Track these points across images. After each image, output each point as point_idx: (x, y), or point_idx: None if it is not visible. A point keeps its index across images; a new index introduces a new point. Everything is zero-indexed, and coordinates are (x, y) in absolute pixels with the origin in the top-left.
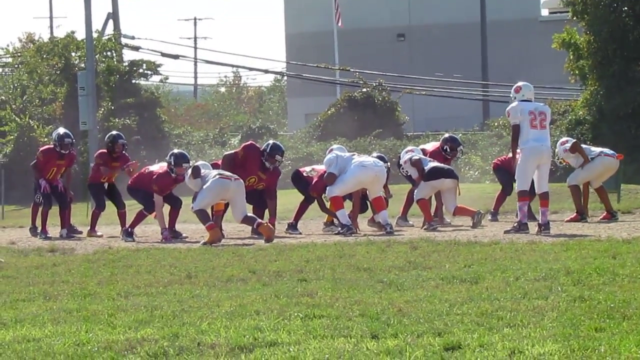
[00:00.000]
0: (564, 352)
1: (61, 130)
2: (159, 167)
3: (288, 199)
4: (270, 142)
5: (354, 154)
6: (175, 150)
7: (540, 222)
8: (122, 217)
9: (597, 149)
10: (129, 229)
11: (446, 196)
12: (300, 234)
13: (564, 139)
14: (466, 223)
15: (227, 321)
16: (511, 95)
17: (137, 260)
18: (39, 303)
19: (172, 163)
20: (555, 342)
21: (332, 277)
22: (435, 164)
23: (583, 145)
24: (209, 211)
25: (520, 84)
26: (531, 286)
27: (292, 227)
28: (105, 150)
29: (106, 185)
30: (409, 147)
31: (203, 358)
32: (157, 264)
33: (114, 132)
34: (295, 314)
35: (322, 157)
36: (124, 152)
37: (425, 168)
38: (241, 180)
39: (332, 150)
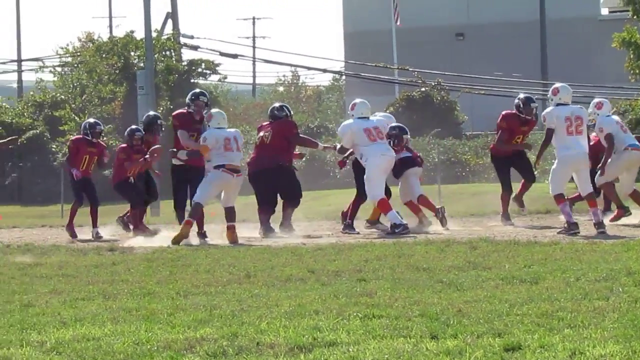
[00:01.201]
0: (626, 354)
1: (91, 119)
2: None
3: (343, 198)
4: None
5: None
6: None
7: (594, 222)
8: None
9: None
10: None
11: (411, 184)
12: (358, 233)
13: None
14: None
15: (286, 321)
16: (548, 97)
17: (196, 259)
18: (98, 302)
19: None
20: (616, 343)
21: (391, 277)
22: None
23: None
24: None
25: (557, 85)
26: (592, 287)
27: (349, 226)
28: (125, 145)
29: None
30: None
31: (262, 358)
32: (216, 263)
33: (133, 126)
34: (354, 314)
35: None
36: (142, 144)
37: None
38: (242, 177)
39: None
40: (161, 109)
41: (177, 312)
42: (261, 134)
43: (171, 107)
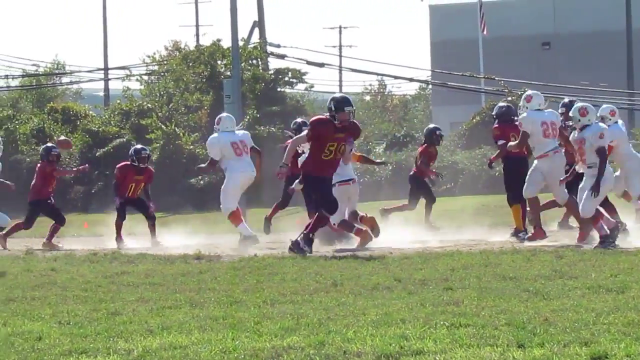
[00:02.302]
0: None
1: (137, 145)
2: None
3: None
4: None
5: None
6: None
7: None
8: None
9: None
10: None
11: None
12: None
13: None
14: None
15: (373, 329)
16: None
17: (283, 268)
18: (185, 310)
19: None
20: None
21: (477, 286)
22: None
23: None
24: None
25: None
26: None
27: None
28: (128, 163)
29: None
30: None
31: None
32: (302, 272)
33: (137, 146)
34: (441, 323)
35: (467, 166)
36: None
37: None
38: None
39: None
40: (247, 117)
41: (264, 321)
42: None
43: (258, 115)
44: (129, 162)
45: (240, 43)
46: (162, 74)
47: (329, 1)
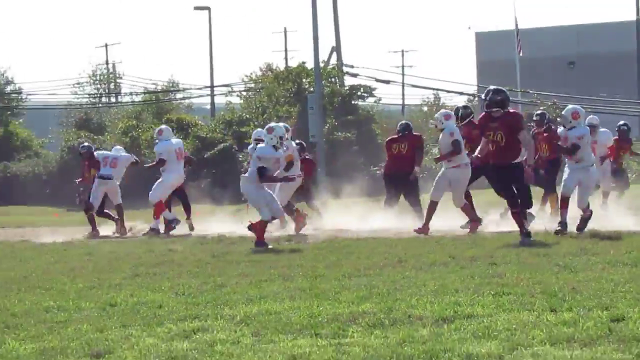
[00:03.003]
0: None
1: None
2: None
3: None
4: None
5: None
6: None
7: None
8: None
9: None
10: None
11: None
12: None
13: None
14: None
15: (432, 297)
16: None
17: (357, 247)
18: (278, 283)
19: None
20: None
21: (517, 261)
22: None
23: None
24: None
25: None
26: None
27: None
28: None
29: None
30: None
31: (412, 328)
32: (373, 251)
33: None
34: (488, 292)
35: None
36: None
37: None
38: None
39: None
40: (327, 125)
41: (343, 291)
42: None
43: (336, 123)
44: None
45: (321, 65)
46: (258, 90)
47: (393, 29)
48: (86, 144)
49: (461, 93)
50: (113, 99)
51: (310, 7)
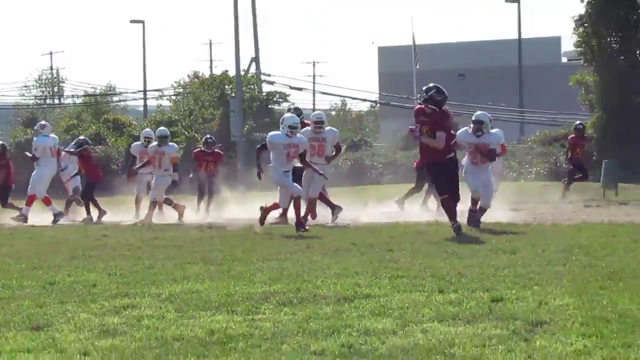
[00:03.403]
0: (577, 304)
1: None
2: None
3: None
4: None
5: None
6: None
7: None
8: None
9: None
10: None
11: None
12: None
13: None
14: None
15: (335, 279)
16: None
17: (270, 235)
18: (199, 265)
19: None
20: (571, 296)
21: (410, 248)
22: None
23: None
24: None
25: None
26: (554, 256)
27: None
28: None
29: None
30: None
31: (317, 306)
32: (285, 238)
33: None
34: (384, 275)
35: (405, 163)
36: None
37: None
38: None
39: None
40: (246, 126)
41: (257, 273)
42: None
43: (254, 125)
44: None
45: (242, 73)
46: (185, 95)
47: (306, 42)
48: (82, 137)
49: (364, 100)
50: (57, 101)
51: (233, 22)
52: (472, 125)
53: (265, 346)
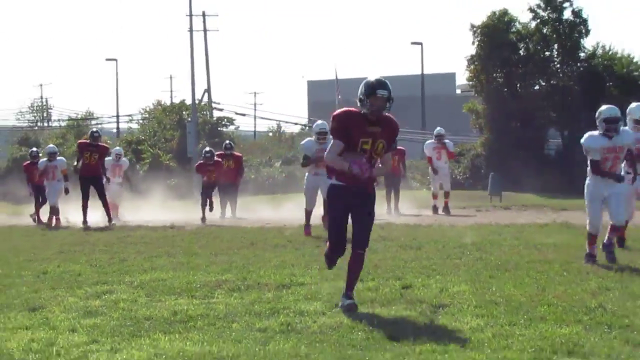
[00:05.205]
0: (471, 290)
1: (207, 147)
2: None
3: None
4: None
5: None
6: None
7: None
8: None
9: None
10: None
11: None
12: None
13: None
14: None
15: (274, 270)
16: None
17: (221, 233)
18: (164, 258)
19: None
20: (466, 284)
21: None
22: None
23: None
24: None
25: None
26: (452, 251)
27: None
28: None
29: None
30: None
31: (261, 291)
32: (233, 236)
33: (207, 148)
34: (315, 266)
35: None
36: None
37: None
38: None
39: None
40: (200, 145)
41: (211, 265)
42: None
43: (206, 143)
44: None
45: (197, 101)
46: (150, 119)
47: (248, 75)
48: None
49: (296, 124)
50: (46, 124)
51: (189, 60)
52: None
53: (219, 324)
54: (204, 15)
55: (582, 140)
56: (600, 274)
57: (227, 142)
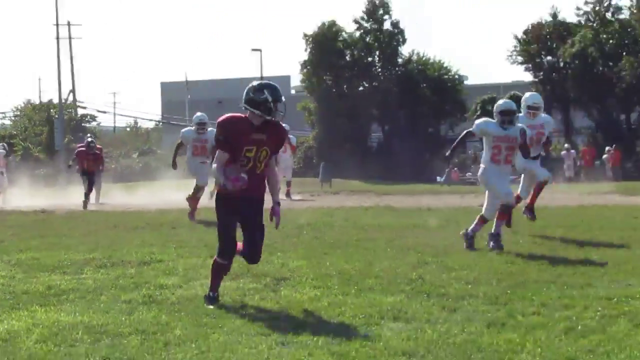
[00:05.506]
0: (308, 265)
1: (89, 138)
2: None
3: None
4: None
5: None
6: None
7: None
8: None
9: None
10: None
11: None
12: None
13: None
14: None
15: (136, 249)
16: None
17: (88, 217)
18: (37, 239)
19: None
20: (304, 259)
21: (189, 226)
22: None
23: None
24: None
25: None
26: (291, 232)
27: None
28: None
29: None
30: None
31: (125, 268)
32: (98, 219)
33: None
34: (171, 245)
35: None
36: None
37: None
38: None
39: None
40: (66, 139)
41: (80, 245)
42: None
43: (72, 138)
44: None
45: (64, 100)
46: (22, 116)
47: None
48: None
49: (150, 119)
50: None
51: (56, 62)
52: None
53: (89, 297)
54: (69, 24)
55: (477, 122)
56: (419, 250)
57: (91, 140)
